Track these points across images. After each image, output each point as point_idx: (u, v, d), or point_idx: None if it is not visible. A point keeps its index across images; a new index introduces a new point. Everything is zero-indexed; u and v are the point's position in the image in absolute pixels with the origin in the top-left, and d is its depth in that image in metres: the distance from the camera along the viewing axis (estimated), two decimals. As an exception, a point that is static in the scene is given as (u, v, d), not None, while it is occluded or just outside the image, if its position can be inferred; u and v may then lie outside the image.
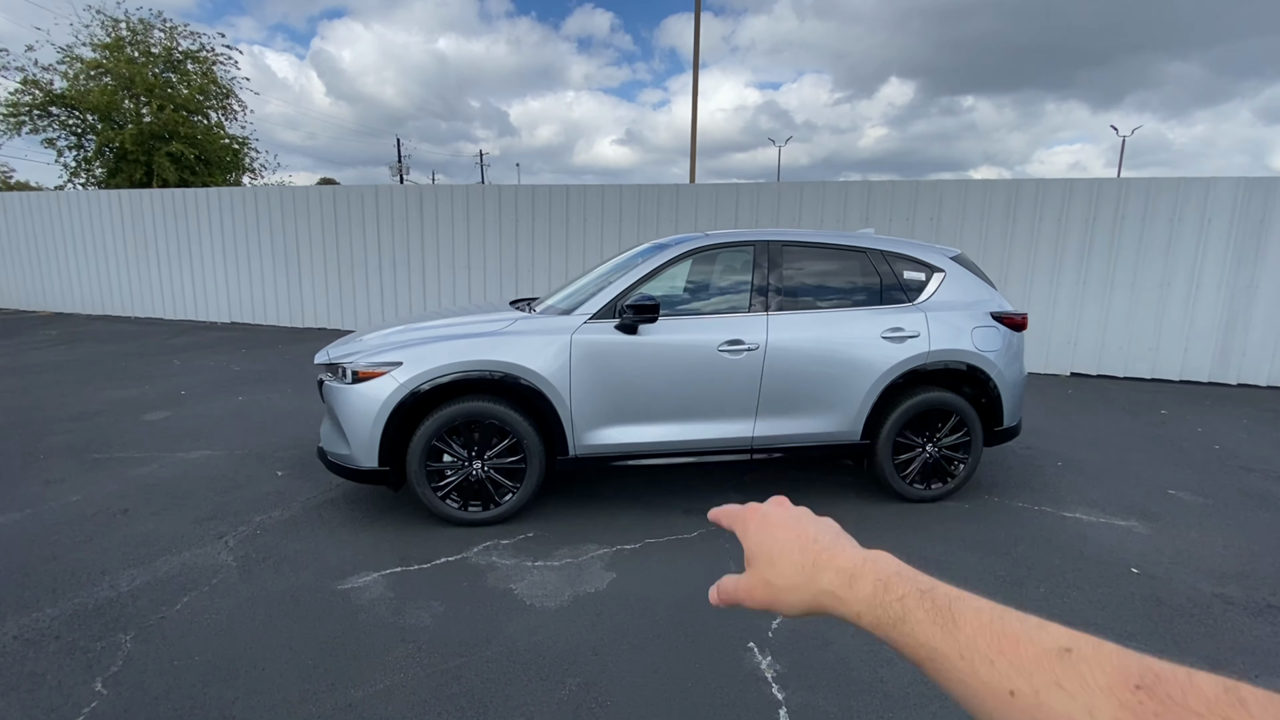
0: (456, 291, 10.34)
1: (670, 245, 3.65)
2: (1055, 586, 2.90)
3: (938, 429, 3.78)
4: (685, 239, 3.70)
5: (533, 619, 2.57)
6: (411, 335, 3.44)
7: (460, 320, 3.67)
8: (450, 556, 3.08)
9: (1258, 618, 2.67)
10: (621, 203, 9.45)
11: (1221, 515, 3.74)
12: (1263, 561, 3.18)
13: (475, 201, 10.07)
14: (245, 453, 4.54)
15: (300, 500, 3.72)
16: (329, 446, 3.42)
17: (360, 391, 3.23)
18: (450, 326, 3.51)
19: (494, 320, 3.51)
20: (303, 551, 3.11)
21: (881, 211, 8.50)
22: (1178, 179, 7.55)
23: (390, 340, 3.42)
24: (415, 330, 3.56)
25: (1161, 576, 3.01)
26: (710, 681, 2.21)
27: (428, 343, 3.31)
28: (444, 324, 3.61)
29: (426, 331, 3.47)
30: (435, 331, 3.44)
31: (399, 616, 2.57)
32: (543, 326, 3.39)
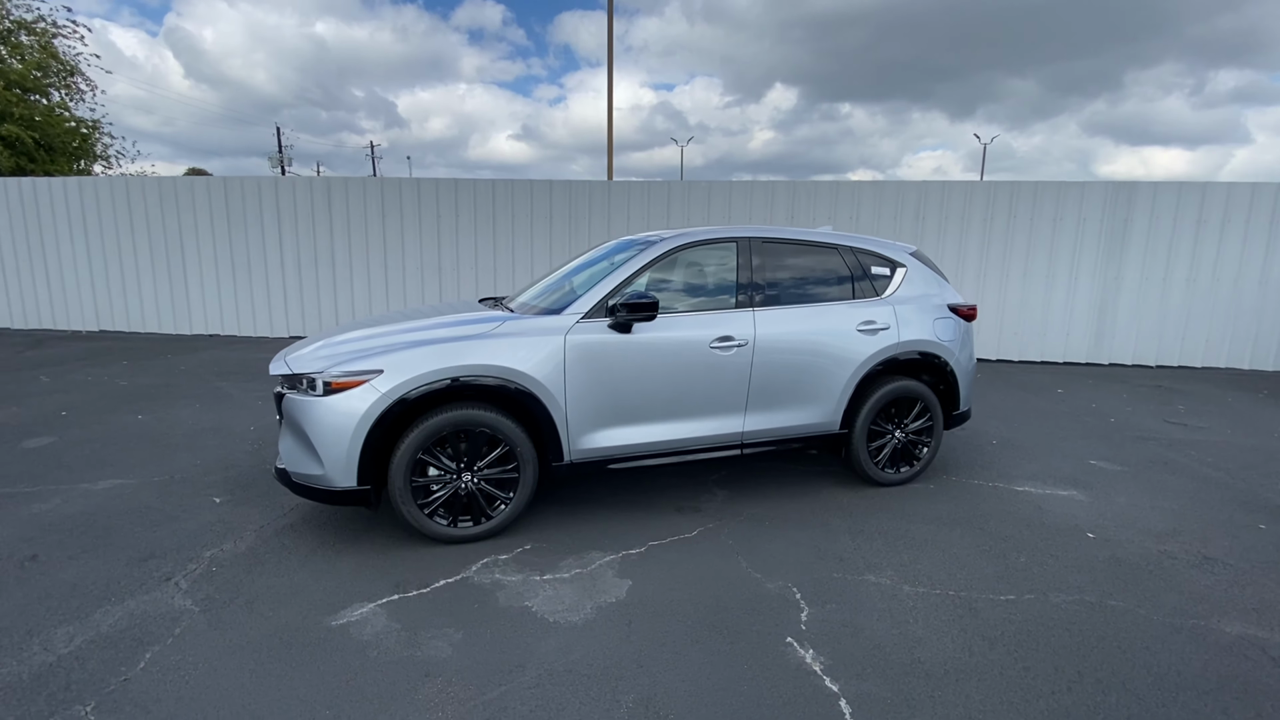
0: (374, 293, 9.68)
1: (656, 242, 3.59)
2: (1033, 555, 3.15)
3: (905, 416, 3.99)
4: (667, 236, 3.65)
5: (561, 637, 2.44)
6: (386, 339, 3.15)
7: (435, 322, 3.41)
8: (449, 578, 2.86)
9: (1199, 569, 3.03)
10: (552, 199, 9.24)
11: (1138, 481, 4.23)
12: (1185, 520, 3.62)
13: (393, 196, 9.46)
14: (166, 479, 3.98)
15: (253, 529, 3.32)
16: (293, 467, 3.07)
17: (335, 404, 2.92)
18: (428, 329, 3.25)
19: (478, 321, 3.29)
20: (275, 587, 2.77)
21: (805, 211, 8.88)
22: (1059, 183, 8.46)
23: (363, 346, 3.11)
24: (387, 334, 3.27)
25: (1113, 539, 3.35)
26: (763, 680, 2.20)
27: (409, 348, 3.04)
28: (417, 326, 3.35)
29: (402, 335, 3.19)
30: (413, 335, 3.17)
31: (414, 649, 2.35)
32: (534, 327, 3.22)
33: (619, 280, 3.40)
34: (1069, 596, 2.78)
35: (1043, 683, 2.21)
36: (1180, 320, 8.45)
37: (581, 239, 9.26)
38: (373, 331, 3.40)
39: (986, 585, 2.87)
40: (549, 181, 9.28)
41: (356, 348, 3.11)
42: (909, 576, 2.93)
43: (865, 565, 3.03)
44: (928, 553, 3.17)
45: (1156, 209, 8.29)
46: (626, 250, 3.79)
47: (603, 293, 3.35)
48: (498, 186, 9.33)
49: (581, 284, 3.69)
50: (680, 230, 3.77)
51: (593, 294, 3.36)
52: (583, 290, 3.46)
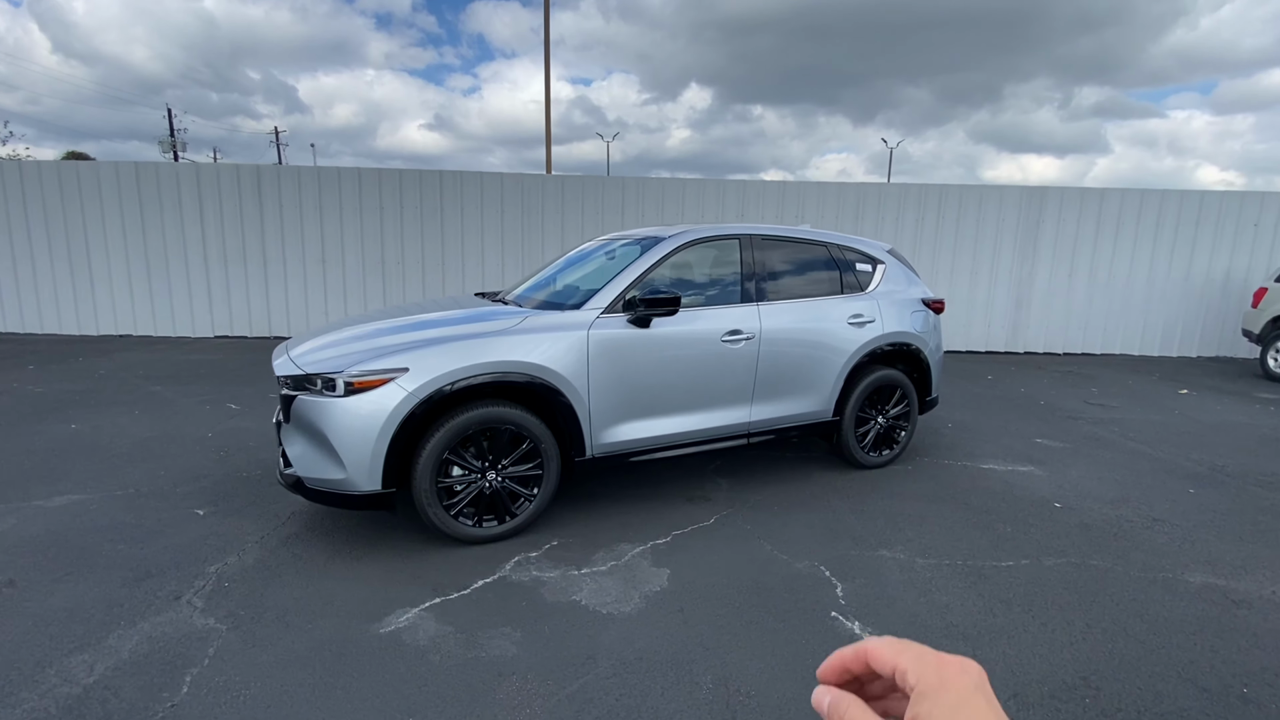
0: (311, 292, 9.14)
1: (664, 238, 3.65)
2: (1015, 525, 3.49)
3: (886, 403, 4.28)
4: (673, 232, 3.73)
5: (621, 628, 2.48)
6: (403, 336, 3.04)
7: (447, 317, 3.34)
8: (486, 578, 2.82)
9: (1152, 530, 3.47)
10: (503, 192, 9.06)
11: (1080, 456, 4.74)
12: (1128, 488, 4.11)
13: (331, 186, 8.95)
14: (130, 493, 3.65)
15: (253, 541, 3.12)
16: (308, 472, 2.91)
17: (358, 404, 2.80)
18: (445, 325, 3.17)
19: (499, 317, 3.24)
20: (303, 599, 2.63)
21: (755, 208, 9.19)
22: (982, 187, 9.21)
23: (381, 344, 2.99)
24: (401, 331, 3.16)
25: (1076, 507, 3.76)
26: (823, 650, 2.29)
27: (432, 345, 2.96)
28: (430, 322, 3.26)
29: (419, 332, 3.09)
30: (431, 331, 3.09)
31: (477, 650, 2.32)
32: (556, 322, 3.21)
33: (634, 276, 3.44)
34: (1058, 559, 3.10)
35: (1060, 635, 2.48)
36: (1083, 313, 9.43)
37: (535, 234, 9.15)
38: (379, 327, 3.28)
39: (985, 554, 3.15)
40: (500, 174, 9.09)
41: (373, 345, 2.99)
42: (918, 550, 3.17)
43: (877, 542, 3.25)
44: (927, 528, 3.43)
45: (1063, 213, 9.20)
46: (630, 246, 3.84)
47: (620, 288, 3.39)
48: (446, 178, 9.04)
49: (589, 280, 3.71)
50: (684, 227, 3.86)
51: (610, 289, 3.38)
52: (596, 286, 3.47)
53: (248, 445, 4.54)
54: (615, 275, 3.46)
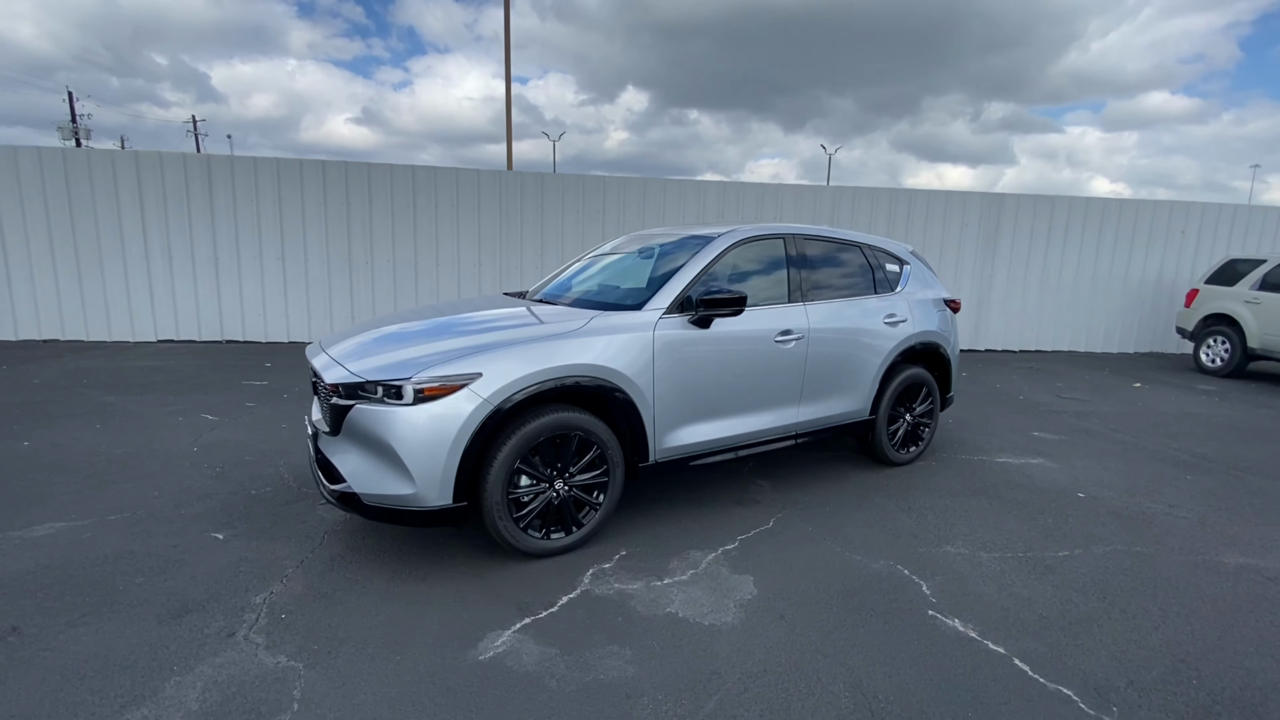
0: (269, 290, 8.52)
1: (714, 238, 3.58)
2: (1053, 516, 3.62)
3: (913, 401, 4.37)
4: (721, 231, 3.66)
5: (730, 639, 2.39)
6: (468, 339, 2.84)
7: (500, 317, 3.17)
8: (568, 593, 2.67)
9: (1172, 516, 3.68)
10: (480, 189, 8.74)
11: (1077, 447, 5.01)
12: (1133, 477, 4.36)
13: (292, 179, 8.37)
14: (128, 517, 3.25)
15: (293, 565, 2.83)
16: (369, 488, 2.66)
17: (429, 413, 2.58)
18: (505, 327, 2.98)
19: (564, 318, 3.08)
20: (376, 627, 2.40)
21: (734, 209, 9.25)
22: (948, 192, 9.63)
23: (445, 347, 2.78)
24: (455, 332, 2.96)
25: (1098, 497, 3.95)
26: (940, 652, 2.33)
27: (501, 348, 2.77)
28: (484, 321, 3.09)
29: (481, 335, 2.89)
30: (495, 334, 2.89)
31: (592, 672, 2.17)
32: (621, 324, 3.08)
33: (691, 275, 3.35)
34: (1105, 548, 3.24)
35: (1142, 621, 2.58)
36: (1036, 312, 10.02)
37: (514, 232, 8.87)
38: (426, 327, 3.08)
39: (1039, 545, 3.25)
40: (476, 171, 8.77)
41: (435, 349, 2.77)
42: (978, 544, 3.24)
43: (937, 538, 3.30)
44: (976, 522, 3.51)
45: (1019, 218, 9.75)
46: (675, 245, 3.75)
47: (679, 288, 3.29)
48: (419, 173, 8.63)
49: (629, 280, 3.62)
50: (729, 226, 3.80)
51: (669, 289, 3.28)
52: (642, 286, 3.37)
53: (244, 460, 4.14)
54: (672, 275, 3.36)
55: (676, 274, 3.36)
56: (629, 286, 3.54)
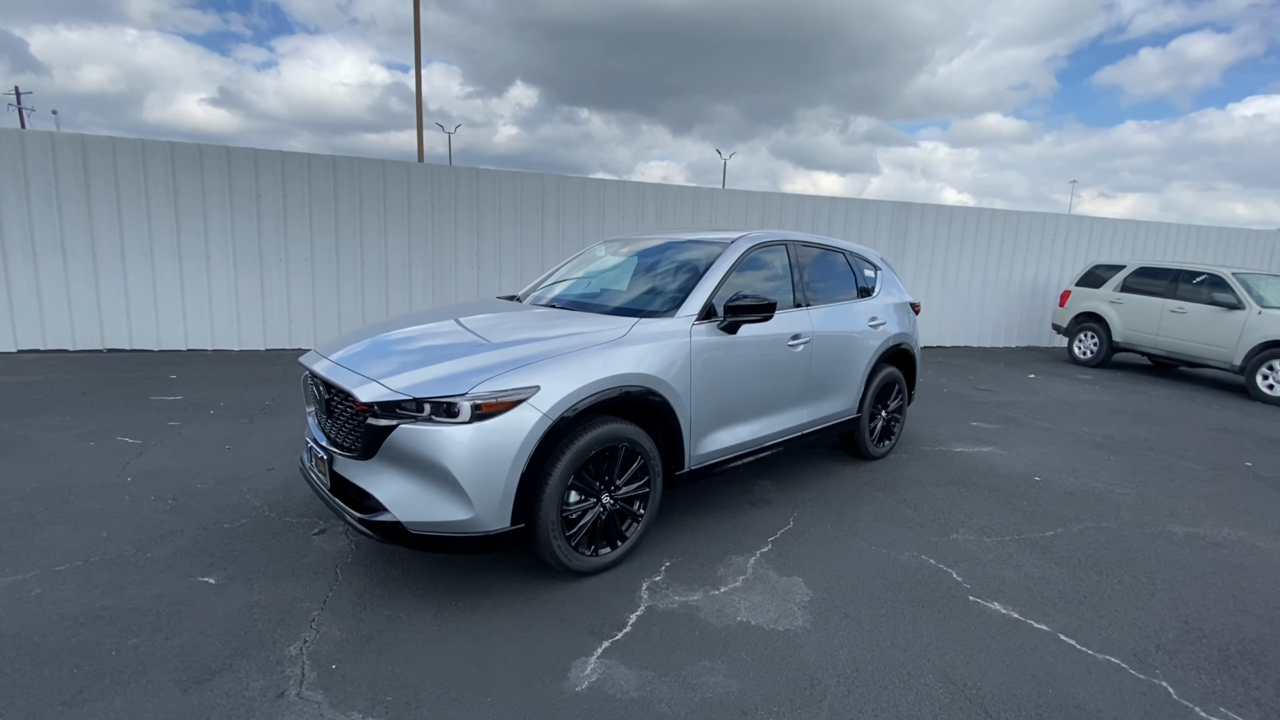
0: (162, 289, 7.50)
1: (730, 243, 3.60)
2: (1025, 499, 4.00)
3: (887, 398, 4.65)
4: (733, 237, 3.69)
5: (811, 642, 2.42)
6: (515, 351, 2.66)
7: (529, 324, 3.01)
8: (633, 610, 2.58)
9: (1116, 493, 4.19)
10: (409, 182, 8.21)
11: (1013, 435, 5.56)
12: (1069, 460, 4.91)
13: (189, 165, 7.42)
14: (81, 565, 2.75)
15: (317, 605, 2.52)
16: (416, 515, 2.42)
17: (487, 430, 2.39)
18: (545, 338, 2.82)
19: (606, 326, 2.96)
20: (446, 668, 2.19)
21: (672, 212, 9.36)
22: (864, 200, 10.31)
23: (496, 359, 2.58)
24: (491, 343, 2.76)
25: (1051, 479, 4.41)
26: (996, 634, 2.50)
27: (552, 358, 2.62)
28: (516, 330, 2.92)
29: (526, 346, 2.72)
30: (539, 345, 2.73)
31: (698, 692, 2.12)
32: (661, 331, 3.02)
33: (715, 281, 3.35)
34: (1080, 525, 3.63)
35: (1141, 589, 2.91)
36: (939, 311, 11.00)
37: (448, 230, 8.42)
38: (456, 339, 2.86)
39: (1027, 527, 3.58)
40: (406, 163, 8.22)
41: (485, 360, 2.57)
42: (978, 530, 3.51)
43: (941, 527, 3.53)
44: (965, 509, 3.81)
45: (923, 225, 10.64)
46: (688, 249, 3.74)
47: (706, 293, 3.28)
48: (340, 163, 7.95)
49: (655, 285, 3.55)
50: (739, 231, 3.84)
51: (698, 295, 3.26)
52: (680, 292, 3.33)
53: (197, 489, 3.62)
54: (697, 281, 3.34)
55: (702, 280, 3.35)
56: (652, 293, 3.48)
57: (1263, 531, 3.64)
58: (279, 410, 5.33)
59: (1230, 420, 6.47)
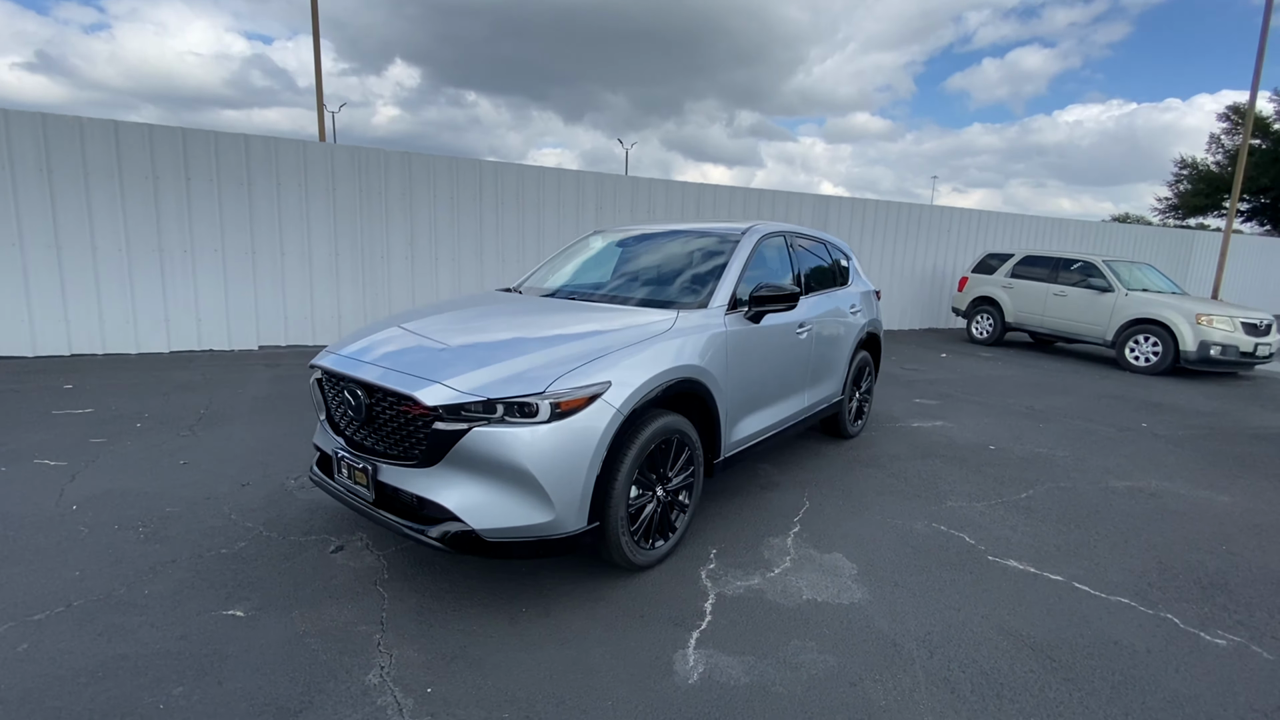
0: (36, 282, 6.45)
1: (742, 233, 3.67)
2: (991, 468, 4.43)
3: (861, 380, 4.95)
4: (742, 228, 3.75)
5: (875, 612, 2.56)
6: (570, 346, 2.57)
7: (556, 317, 2.97)
8: (704, 600, 2.61)
9: (1058, 455, 4.74)
10: (333, 165, 7.58)
11: (954, 410, 6.11)
12: (1010, 429, 5.47)
13: (66, 142, 6.40)
14: (62, 611, 2.35)
15: (374, 627, 2.33)
16: (495, 522, 2.29)
17: (566, 429, 2.31)
18: (592, 332, 2.75)
19: (653, 318, 2.92)
20: (547, 678, 2.11)
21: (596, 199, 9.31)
22: (789, 193, 10.79)
23: (557, 354, 2.48)
24: (541, 338, 2.66)
25: (1003, 448, 4.91)
26: (1025, 587, 2.77)
27: (616, 353, 2.56)
28: (559, 323, 2.83)
29: (581, 342, 2.63)
30: (595, 340, 2.65)
31: (803, 670, 2.19)
32: (701, 322, 3.02)
33: (737, 272, 3.41)
34: (1045, 487, 4.07)
35: (1115, 539, 3.33)
36: (855, 297, 11.74)
37: (379, 218, 7.87)
38: (498, 332, 2.73)
39: (1005, 491, 3.97)
40: (330, 146, 7.58)
41: (548, 356, 2.47)
42: (966, 497, 3.85)
43: (934, 496, 3.84)
44: (947, 479, 4.15)
45: (840, 216, 11.32)
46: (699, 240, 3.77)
47: (732, 284, 3.33)
48: (253, 143, 7.18)
49: (673, 275, 3.55)
50: (749, 222, 3.92)
51: (724, 285, 3.30)
52: (704, 282, 3.36)
53: (167, 513, 3.20)
54: (721, 272, 3.38)
55: (726, 271, 3.39)
56: (679, 284, 3.46)
57: (1180, 481, 4.28)
58: (220, 419, 4.78)
59: (1114, 388, 7.49)
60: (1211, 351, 8.02)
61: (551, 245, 8.84)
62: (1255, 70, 14.25)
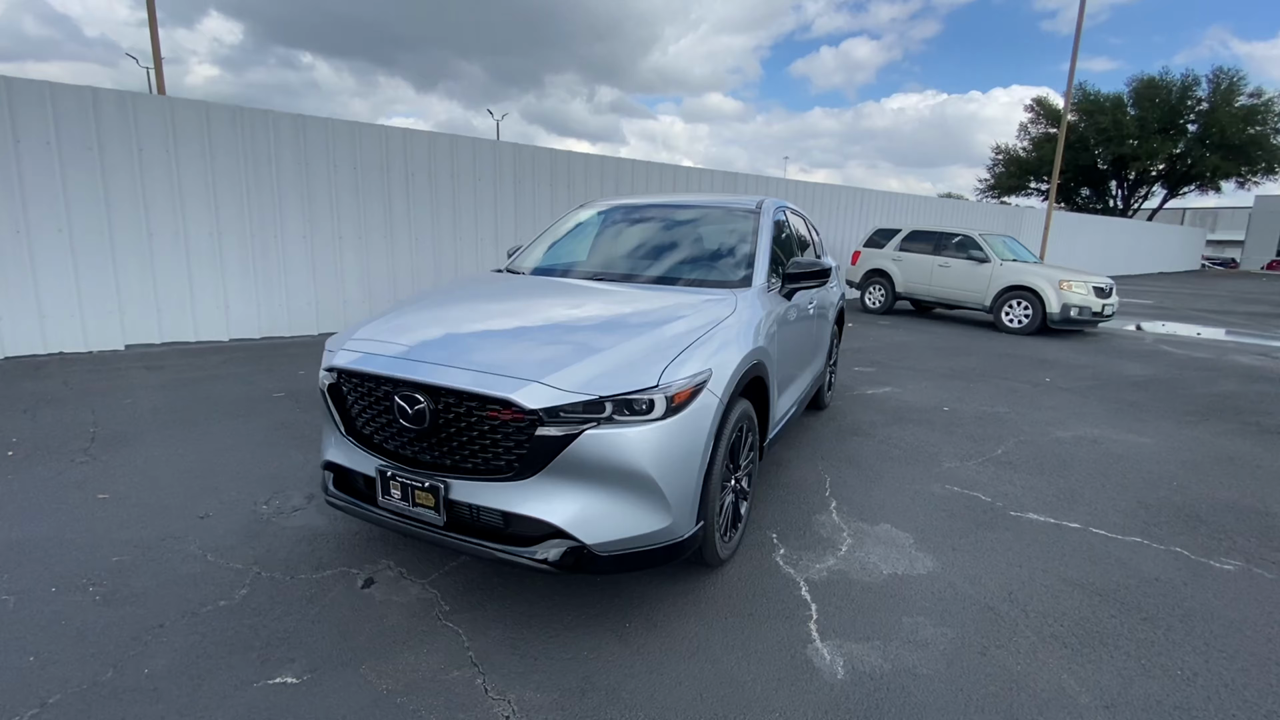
0: None
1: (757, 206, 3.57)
2: (958, 428, 4.76)
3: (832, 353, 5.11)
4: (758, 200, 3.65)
5: (954, 578, 2.63)
6: (661, 332, 2.32)
7: (606, 300, 2.77)
8: (799, 589, 2.53)
9: (999, 412, 5.22)
10: (209, 130, 6.42)
11: (892, 375, 6.52)
12: (947, 391, 5.93)
13: None
14: (54, 704, 1.77)
15: (469, 671, 2.00)
16: (609, 535, 2.03)
17: (680, 424, 2.09)
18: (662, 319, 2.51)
19: (716, 301, 2.73)
20: (696, 696, 1.93)
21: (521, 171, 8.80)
22: (701, 169, 10.85)
23: (652, 341, 2.23)
24: (621, 324, 2.40)
25: (954, 409, 5.30)
26: (1057, 538, 2.99)
27: (704, 340, 2.35)
28: (604, 307, 2.62)
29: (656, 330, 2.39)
30: (679, 326, 2.41)
31: (931, 646, 2.19)
32: (754, 302, 2.88)
33: (767, 248, 3.31)
34: (1010, 443, 4.45)
35: (1094, 484, 3.71)
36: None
37: (268, 191, 6.81)
38: (555, 315, 2.46)
39: (980, 449, 4.28)
40: (203, 104, 6.37)
41: (646, 345, 2.23)
42: (953, 457, 4.10)
43: (929, 459, 4.05)
44: (928, 441, 4.40)
45: (746, 193, 11.61)
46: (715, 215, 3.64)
47: (765, 261, 3.23)
48: (103, 98, 5.84)
49: (702, 253, 3.38)
50: (758, 197, 3.82)
51: (760, 263, 3.19)
52: (738, 260, 3.23)
53: (117, 564, 2.53)
54: (753, 249, 3.26)
55: (758, 249, 3.28)
56: (715, 263, 3.28)
57: (1105, 427, 4.88)
58: (120, 439, 3.89)
59: (1003, 348, 8.42)
60: (1071, 312, 9.28)
61: (487, 221, 8.20)
62: (1070, 65, 16.54)
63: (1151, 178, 37.63)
